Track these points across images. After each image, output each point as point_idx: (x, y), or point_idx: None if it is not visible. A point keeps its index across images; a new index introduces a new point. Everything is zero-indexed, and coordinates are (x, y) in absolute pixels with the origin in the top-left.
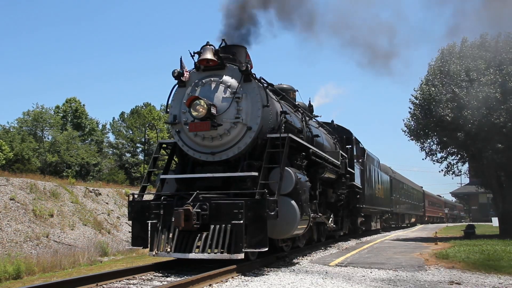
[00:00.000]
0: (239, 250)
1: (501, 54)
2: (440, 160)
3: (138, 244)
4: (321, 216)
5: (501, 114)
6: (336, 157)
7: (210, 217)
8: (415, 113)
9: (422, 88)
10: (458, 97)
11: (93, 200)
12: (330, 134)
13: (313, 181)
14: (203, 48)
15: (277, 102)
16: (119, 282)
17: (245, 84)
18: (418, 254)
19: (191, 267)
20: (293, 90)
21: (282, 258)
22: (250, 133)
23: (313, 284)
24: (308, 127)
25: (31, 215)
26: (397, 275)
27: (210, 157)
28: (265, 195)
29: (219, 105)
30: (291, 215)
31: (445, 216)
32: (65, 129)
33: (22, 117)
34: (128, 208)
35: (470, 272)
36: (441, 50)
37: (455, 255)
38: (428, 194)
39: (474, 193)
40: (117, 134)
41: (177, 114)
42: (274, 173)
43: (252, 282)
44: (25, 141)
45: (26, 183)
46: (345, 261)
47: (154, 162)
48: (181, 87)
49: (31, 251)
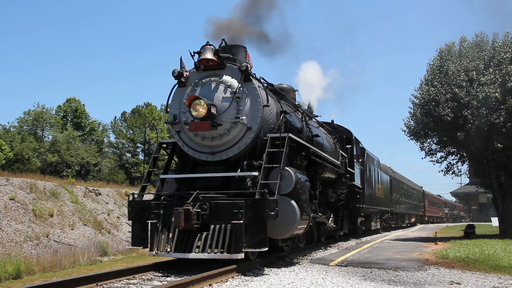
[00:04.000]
0: (239, 250)
1: (500, 54)
2: (440, 160)
3: (138, 244)
4: (321, 216)
5: (501, 114)
6: (336, 157)
7: (210, 217)
8: (415, 113)
9: (422, 88)
10: (458, 97)
11: (93, 200)
12: (330, 134)
13: (313, 181)
14: (203, 48)
15: (277, 102)
16: (119, 282)
17: (245, 84)
18: (418, 254)
19: (191, 267)
20: (293, 90)
21: (282, 258)
22: (250, 133)
23: (313, 284)
24: (308, 127)
25: (31, 215)
26: (397, 275)
27: (210, 157)
28: (265, 195)
29: (219, 105)
30: (291, 215)
31: (445, 216)
32: (65, 129)
33: (23, 116)
34: (128, 208)
35: (470, 272)
36: (440, 50)
37: (455, 255)
38: (428, 194)
39: (474, 193)
40: (118, 134)
41: (177, 114)
42: (274, 173)
43: (252, 282)
44: (25, 141)
45: (26, 183)
46: (345, 261)
47: (154, 162)
48: (181, 87)
49: (31, 251)
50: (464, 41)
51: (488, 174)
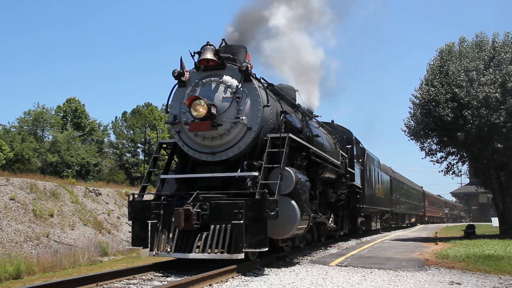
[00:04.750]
0: (239, 250)
1: (500, 54)
2: (440, 160)
3: (138, 244)
4: (321, 216)
5: (501, 114)
6: (336, 157)
7: (210, 217)
8: (415, 113)
9: (422, 88)
10: (458, 97)
11: (93, 200)
12: (330, 134)
13: (313, 181)
14: (203, 48)
15: (277, 102)
16: (119, 282)
17: (245, 84)
18: (418, 254)
19: (191, 267)
20: (293, 90)
21: (282, 258)
22: (250, 133)
23: (313, 284)
24: (308, 127)
25: (31, 215)
26: (397, 275)
27: (210, 157)
28: (265, 195)
29: (219, 105)
30: (291, 215)
31: (445, 216)
32: (66, 129)
33: (23, 116)
34: (128, 208)
35: (470, 272)
36: (440, 50)
37: (455, 255)
38: (428, 194)
39: (474, 193)
40: (118, 134)
41: (177, 114)
42: (274, 173)
43: (252, 282)
44: (26, 141)
45: (26, 183)
46: (345, 261)
47: (154, 162)
48: (181, 87)
49: (31, 251)
50: (464, 42)
51: (488, 174)
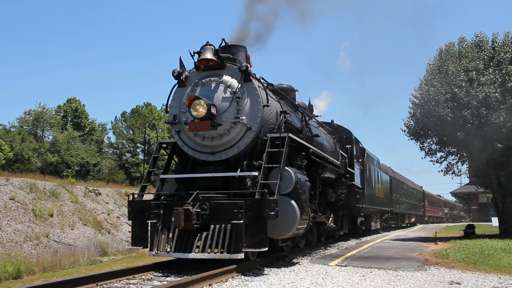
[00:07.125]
0: (239, 250)
1: (499, 54)
2: (439, 160)
3: (138, 244)
4: (321, 216)
5: (501, 114)
6: (336, 157)
7: (210, 217)
8: (415, 113)
9: (422, 88)
10: (457, 97)
11: (93, 200)
12: (330, 134)
13: (313, 181)
14: (203, 48)
15: (277, 102)
16: (119, 282)
17: (245, 83)
18: (418, 254)
19: (191, 267)
20: (293, 90)
21: (282, 258)
22: (250, 133)
23: (313, 284)
24: (308, 127)
25: (31, 215)
26: (397, 275)
27: (210, 157)
28: (265, 195)
29: (219, 105)
30: (291, 215)
31: (445, 216)
32: (65, 129)
33: (23, 116)
34: (128, 208)
35: (470, 272)
36: (439, 50)
37: (455, 255)
38: (428, 194)
39: (474, 193)
40: (118, 134)
41: (177, 114)
42: (274, 173)
43: (252, 282)
44: (25, 141)
45: (26, 183)
46: (345, 261)
47: (154, 162)
48: (181, 87)
49: (31, 251)
50: (463, 41)
51: (488, 174)
